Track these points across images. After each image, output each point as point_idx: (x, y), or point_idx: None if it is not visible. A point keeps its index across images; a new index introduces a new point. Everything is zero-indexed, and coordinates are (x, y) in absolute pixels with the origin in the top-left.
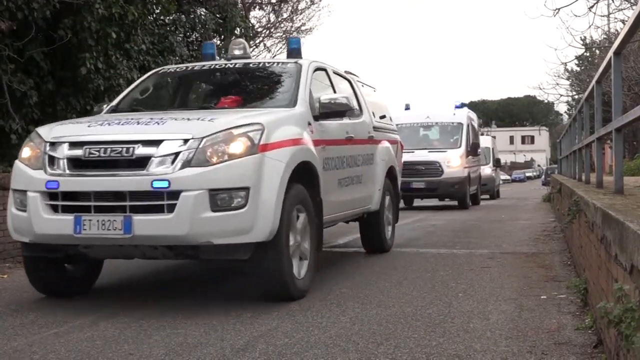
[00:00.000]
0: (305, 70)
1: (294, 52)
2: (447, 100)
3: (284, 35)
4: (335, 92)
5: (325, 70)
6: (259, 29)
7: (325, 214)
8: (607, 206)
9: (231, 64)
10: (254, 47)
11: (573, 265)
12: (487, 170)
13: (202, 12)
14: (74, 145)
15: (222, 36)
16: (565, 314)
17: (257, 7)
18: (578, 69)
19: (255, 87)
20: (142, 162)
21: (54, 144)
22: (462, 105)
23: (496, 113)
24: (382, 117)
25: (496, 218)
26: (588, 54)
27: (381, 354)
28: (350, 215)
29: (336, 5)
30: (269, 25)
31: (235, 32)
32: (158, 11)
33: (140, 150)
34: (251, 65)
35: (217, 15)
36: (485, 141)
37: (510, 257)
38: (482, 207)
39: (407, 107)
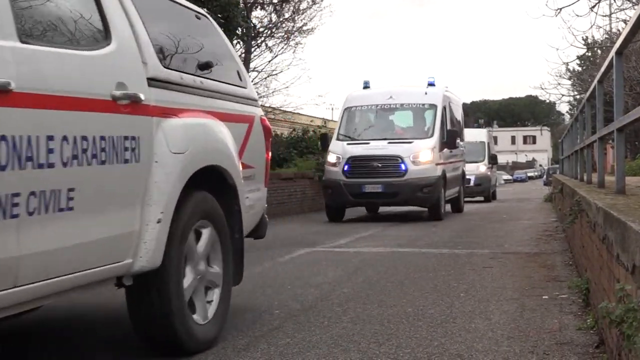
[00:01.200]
0: None
1: None
2: None
3: (285, 35)
4: None
5: None
6: (261, 29)
7: None
8: (608, 206)
9: None
10: (256, 47)
11: (575, 266)
12: (481, 168)
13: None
14: None
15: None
16: (567, 314)
17: (259, 7)
18: (580, 68)
19: None
20: None
21: None
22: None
23: (498, 113)
24: (206, 66)
25: (498, 218)
26: (590, 54)
27: (383, 354)
28: None
29: (338, 6)
30: (270, 25)
31: (237, 32)
32: None
33: None
34: None
35: (219, 15)
36: (479, 135)
37: (512, 257)
38: (480, 210)
39: (366, 85)
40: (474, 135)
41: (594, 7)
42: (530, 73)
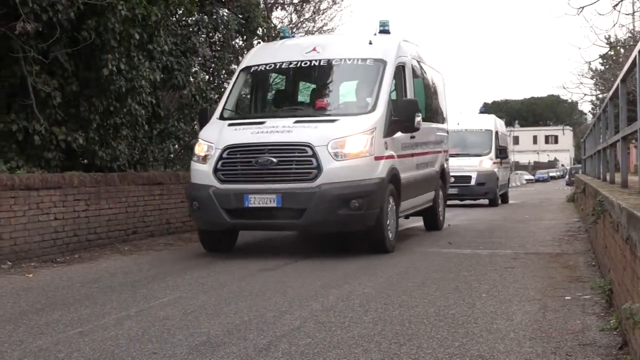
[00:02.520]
0: None
1: None
2: (471, 105)
3: (306, 36)
4: None
5: None
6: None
7: None
8: (632, 206)
9: None
10: None
11: (597, 266)
12: (485, 163)
13: (224, 13)
14: None
15: (245, 36)
16: (590, 314)
17: (279, 7)
18: (602, 68)
19: None
20: None
21: None
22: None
23: (519, 112)
24: None
25: (520, 218)
26: (612, 53)
27: (404, 354)
28: None
29: (358, 5)
30: (291, 25)
31: (258, 32)
32: (181, 12)
33: None
34: None
35: (240, 16)
36: (484, 121)
37: (534, 257)
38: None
39: (284, 34)
40: (477, 121)
41: (616, 5)
42: (552, 72)
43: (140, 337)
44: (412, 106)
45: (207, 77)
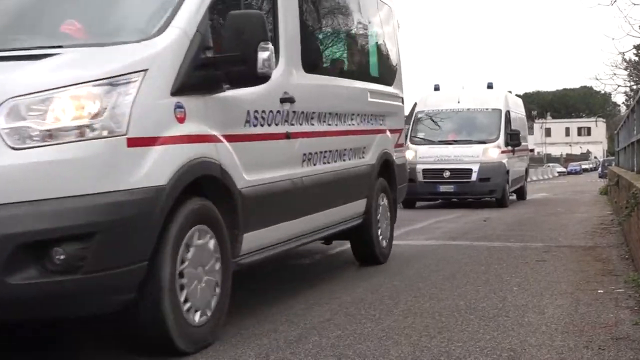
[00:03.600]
0: None
1: None
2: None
3: None
4: None
5: None
6: None
7: None
8: None
9: None
10: None
11: (631, 259)
12: (491, 152)
13: None
14: None
15: None
16: (623, 308)
17: None
18: (636, 58)
19: None
20: None
21: None
22: None
23: (551, 104)
24: None
25: (552, 211)
26: None
27: (434, 347)
28: None
29: None
30: None
31: None
32: None
33: None
34: None
35: None
36: (491, 98)
37: (566, 250)
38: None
39: None
40: (482, 99)
41: None
42: (585, 63)
43: None
44: (247, 28)
45: None
